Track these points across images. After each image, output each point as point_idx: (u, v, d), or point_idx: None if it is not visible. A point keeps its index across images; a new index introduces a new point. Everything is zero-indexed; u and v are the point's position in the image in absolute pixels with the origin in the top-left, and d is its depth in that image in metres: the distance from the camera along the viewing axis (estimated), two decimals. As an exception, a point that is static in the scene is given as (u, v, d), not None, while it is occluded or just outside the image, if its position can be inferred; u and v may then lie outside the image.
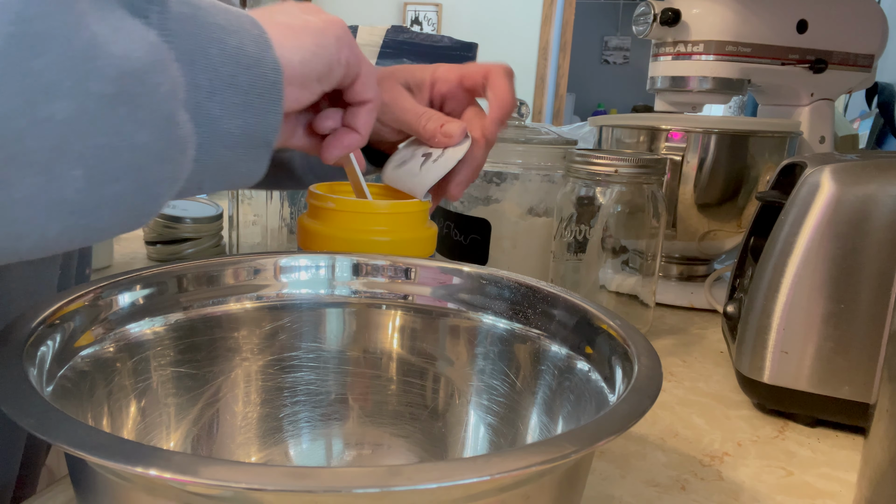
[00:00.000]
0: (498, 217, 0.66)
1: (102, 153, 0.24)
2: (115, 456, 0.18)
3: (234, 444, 0.36)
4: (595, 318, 0.32)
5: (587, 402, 0.30)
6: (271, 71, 0.33)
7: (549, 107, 4.55)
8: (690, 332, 0.66)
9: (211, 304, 0.36)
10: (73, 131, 0.22)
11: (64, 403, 0.27)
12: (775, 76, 0.77)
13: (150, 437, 0.32)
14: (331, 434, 0.38)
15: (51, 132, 0.22)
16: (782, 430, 0.47)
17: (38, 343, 0.26)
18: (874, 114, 1.25)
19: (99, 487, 0.22)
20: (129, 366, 0.32)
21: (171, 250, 0.77)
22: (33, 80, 0.21)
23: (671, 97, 0.80)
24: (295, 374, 0.38)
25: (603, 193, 0.58)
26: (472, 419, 0.37)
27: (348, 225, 0.46)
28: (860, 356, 0.45)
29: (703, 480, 0.40)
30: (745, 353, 0.49)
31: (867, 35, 0.79)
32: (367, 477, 0.17)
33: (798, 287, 0.46)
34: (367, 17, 4.32)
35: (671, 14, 0.74)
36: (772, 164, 0.70)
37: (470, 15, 4.29)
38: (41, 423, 0.19)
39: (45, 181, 0.23)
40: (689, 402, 0.51)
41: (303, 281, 0.39)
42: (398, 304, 0.39)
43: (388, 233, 0.46)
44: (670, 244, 0.76)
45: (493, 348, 0.37)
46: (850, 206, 0.45)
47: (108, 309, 0.32)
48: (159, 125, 0.26)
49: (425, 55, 0.98)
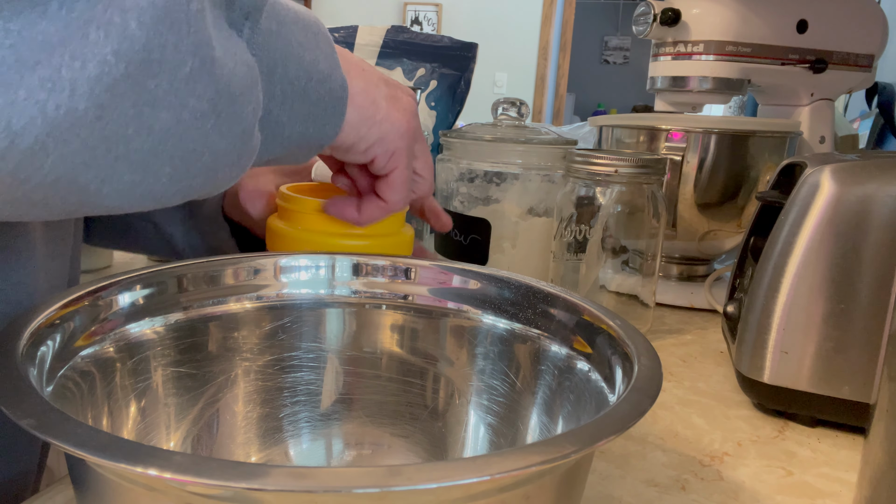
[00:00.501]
0: (498, 217, 0.66)
1: (189, 156, 0.28)
2: (115, 456, 0.18)
3: (234, 444, 0.36)
4: (595, 318, 0.32)
5: (587, 402, 0.30)
6: (339, 87, 0.36)
7: (549, 107, 4.55)
8: (690, 332, 0.66)
9: (211, 304, 0.36)
10: (169, 137, 0.26)
11: (64, 403, 0.27)
12: (775, 76, 0.77)
13: (150, 437, 0.32)
14: (331, 434, 0.38)
15: (152, 138, 0.26)
16: (782, 430, 0.47)
17: (38, 343, 0.26)
18: (874, 114, 1.25)
19: (99, 487, 0.22)
20: (129, 366, 0.32)
21: (171, 250, 0.77)
22: (146, 96, 0.24)
23: (671, 97, 0.80)
24: (295, 374, 0.38)
25: (603, 193, 0.58)
26: (472, 419, 0.37)
27: (319, 227, 0.45)
28: (860, 356, 0.45)
29: (703, 480, 0.40)
30: (745, 353, 0.49)
31: (867, 35, 0.79)
32: (367, 477, 0.17)
33: (798, 287, 0.46)
34: (367, 17, 4.32)
35: (671, 14, 0.74)
36: (772, 164, 0.70)
37: (470, 15, 4.29)
38: (41, 423, 0.19)
39: (141, 178, 0.27)
40: (689, 402, 0.51)
41: (303, 281, 0.39)
42: (398, 304, 0.39)
43: (362, 236, 0.45)
44: (670, 244, 0.76)
45: (493, 348, 0.37)
46: (850, 206, 0.45)
47: (108, 309, 0.32)
48: (238, 136, 0.30)
49: (425, 55, 0.97)
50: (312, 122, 0.35)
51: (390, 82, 0.41)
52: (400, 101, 0.41)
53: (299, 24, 0.34)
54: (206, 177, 0.30)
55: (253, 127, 0.30)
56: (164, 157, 0.27)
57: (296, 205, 0.45)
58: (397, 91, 0.41)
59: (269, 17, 0.31)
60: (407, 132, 0.40)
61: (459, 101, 0.98)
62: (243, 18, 0.30)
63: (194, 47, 0.25)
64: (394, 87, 0.41)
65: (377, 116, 0.39)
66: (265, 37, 0.31)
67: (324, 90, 0.35)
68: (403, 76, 0.97)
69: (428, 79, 0.96)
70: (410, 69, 0.97)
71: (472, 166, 0.66)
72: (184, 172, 0.28)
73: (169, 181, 0.28)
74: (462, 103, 0.99)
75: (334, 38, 0.98)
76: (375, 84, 0.39)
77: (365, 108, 0.38)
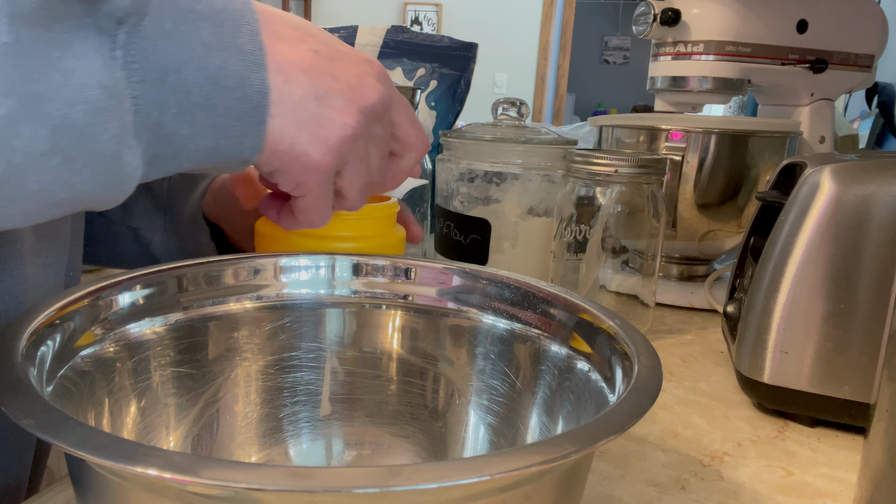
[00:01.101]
0: (498, 217, 0.66)
1: (40, 195, 0.26)
2: (115, 456, 0.18)
3: (234, 444, 0.36)
4: (595, 318, 0.32)
5: (587, 402, 0.30)
6: (255, 94, 0.30)
7: (549, 107, 4.55)
8: (690, 332, 0.66)
9: (211, 304, 0.36)
10: (6, 182, 0.25)
11: (64, 403, 0.27)
12: (775, 76, 0.77)
13: (150, 437, 0.32)
14: (331, 434, 0.38)
15: None
16: (782, 430, 0.47)
17: (38, 343, 0.26)
18: (874, 114, 1.25)
19: (99, 487, 0.22)
20: (129, 366, 0.32)
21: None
22: None
23: (671, 97, 0.80)
24: (295, 374, 0.38)
25: (603, 193, 0.58)
26: (472, 419, 0.37)
27: (309, 230, 0.43)
28: (860, 356, 0.45)
29: (703, 480, 0.40)
30: (745, 353, 0.49)
31: (867, 35, 0.79)
32: (367, 477, 0.17)
33: (798, 287, 0.46)
34: (367, 17, 4.32)
35: (671, 14, 0.74)
36: (772, 164, 0.70)
37: (470, 15, 4.29)
38: (41, 423, 0.19)
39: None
40: (689, 402, 0.51)
41: (303, 281, 0.39)
42: (398, 304, 0.39)
43: (352, 238, 0.45)
44: (670, 244, 0.76)
45: (493, 348, 0.37)
46: (850, 206, 0.45)
47: (108, 309, 0.32)
48: (101, 167, 0.27)
49: (425, 55, 0.97)
50: (223, 136, 0.30)
51: (337, 89, 0.33)
52: (328, 125, 0.33)
53: (210, 19, 0.29)
54: (73, 207, 0.28)
55: (120, 153, 0.27)
56: (8, 200, 0.25)
57: None
58: (331, 110, 0.33)
59: (160, 18, 0.28)
60: (318, 167, 0.33)
61: (459, 101, 0.98)
62: (116, 24, 0.26)
63: (6, 87, 0.23)
64: (343, 96, 0.34)
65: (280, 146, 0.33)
66: (151, 41, 0.27)
67: (233, 98, 0.30)
68: (403, 76, 0.97)
69: (428, 79, 0.97)
70: (410, 69, 0.97)
71: (472, 166, 0.66)
72: (40, 210, 0.26)
73: (26, 219, 0.27)
74: (462, 103, 0.99)
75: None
76: (315, 96, 0.32)
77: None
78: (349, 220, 0.45)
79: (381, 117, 0.36)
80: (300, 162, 0.33)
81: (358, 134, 0.34)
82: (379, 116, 0.36)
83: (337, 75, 0.33)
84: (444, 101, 0.97)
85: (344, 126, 0.33)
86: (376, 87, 0.35)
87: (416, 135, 0.39)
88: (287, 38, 0.32)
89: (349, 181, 0.36)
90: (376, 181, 0.39)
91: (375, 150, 0.37)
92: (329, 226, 0.43)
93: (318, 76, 0.33)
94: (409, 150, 0.40)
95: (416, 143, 0.40)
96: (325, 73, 0.33)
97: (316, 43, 0.33)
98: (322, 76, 0.33)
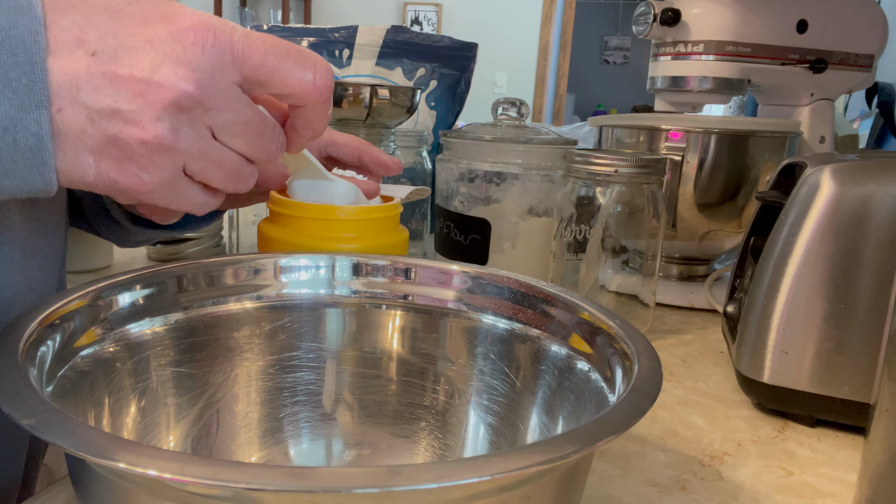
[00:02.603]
0: (498, 217, 0.66)
1: None
2: (114, 456, 0.18)
3: (234, 444, 0.36)
4: (595, 318, 0.32)
5: (587, 402, 0.30)
6: (31, 136, 0.27)
7: (549, 107, 4.55)
8: (690, 332, 0.66)
9: (211, 304, 0.36)
10: None
11: (64, 403, 0.27)
12: (775, 76, 0.77)
13: (150, 437, 0.32)
14: (331, 434, 0.38)
15: None
16: (782, 430, 0.47)
17: (38, 343, 0.26)
18: (874, 114, 1.25)
19: (99, 487, 0.22)
20: (129, 366, 0.32)
21: (172, 250, 0.77)
22: None
23: (671, 97, 0.80)
24: (295, 374, 0.38)
25: (603, 193, 0.58)
26: (472, 419, 0.37)
27: (313, 232, 0.43)
28: (860, 356, 0.45)
29: (703, 480, 0.40)
30: (745, 353, 0.49)
31: (867, 35, 0.79)
32: (367, 477, 0.17)
33: (798, 287, 0.46)
34: (367, 17, 4.32)
35: (671, 14, 0.74)
36: (772, 164, 0.70)
37: (470, 15, 4.29)
38: (41, 423, 0.19)
39: None
40: (689, 402, 0.51)
41: (303, 281, 0.39)
42: (398, 304, 0.39)
43: (355, 239, 0.44)
44: (670, 244, 0.76)
45: (493, 348, 0.37)
46: (850, 206, 0.45)
47: (108, 309, 0.32)
48: None
49: (425, 55, 0.97)
50: (8, 178, 0.28)
51: (123, 98, 0.28)
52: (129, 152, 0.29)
53: None
54: None
55: None
56: None
57: (287, 209, 0.44)
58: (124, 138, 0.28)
59: None
60: (137, 189, 0.30)
61: (459, 101, 0.98)
62: None
63: None
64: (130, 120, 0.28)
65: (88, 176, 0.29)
66: None
67: (4, 144, 0.27)
68: (403, 76, 0.97)
69: (428, 79, 0.97)
70: (410, 69, 0.97)
71: (472, 166, 0.66)
72: None
73: None
74: (462, 103, 0.99)
75: (334, 38, 0.98)
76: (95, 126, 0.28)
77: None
78: (351, 222, 0.44)
79: (199, 101, 0.29)
80: (118, 188, 0.30)
81: (166, 141, 0.29)
82: (196, 102, 0.29)
83: (122, 75, 0.28)
84: (443, 101, 0.97)
85: (143, 143, 0.28)
86: (174, 74, 0.28)
87: (300, 78, 0.31)
88: (64, 44, 0.27)
89: (204, 177, 0.32)
90: (258, 153, 0.33)
91: (225, 131, 0.31)
92: (331, 227, 0.44)
93: (97, 90, 0.28)
94: (299, 99, 0.32)
95: (305, 90, 0.32)
96: (105, 81, 0.28)
97: (96, 39, 0.28)
98: (101, 89, 0.28)
